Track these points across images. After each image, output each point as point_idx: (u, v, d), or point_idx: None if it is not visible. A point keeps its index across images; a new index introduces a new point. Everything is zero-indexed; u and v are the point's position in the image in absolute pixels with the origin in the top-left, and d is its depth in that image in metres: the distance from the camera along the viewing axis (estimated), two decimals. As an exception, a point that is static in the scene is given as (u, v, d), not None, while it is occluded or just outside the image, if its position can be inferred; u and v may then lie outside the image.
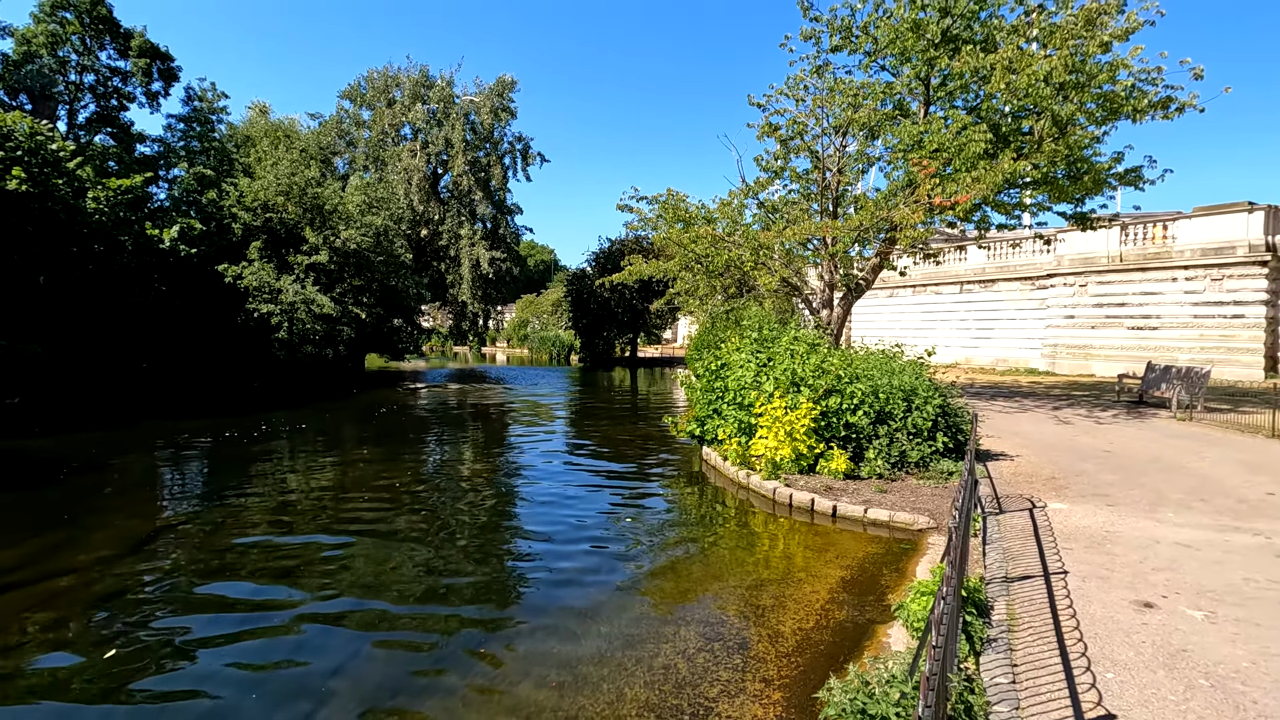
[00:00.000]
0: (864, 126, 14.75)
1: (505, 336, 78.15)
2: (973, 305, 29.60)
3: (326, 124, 39.40)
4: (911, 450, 9.10)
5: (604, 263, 42.54)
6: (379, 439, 14.19)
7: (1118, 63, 12.51)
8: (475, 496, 9.35)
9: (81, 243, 19.08)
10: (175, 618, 5.31)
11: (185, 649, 4.79)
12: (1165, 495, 7.64)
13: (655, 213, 16.72)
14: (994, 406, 15.67)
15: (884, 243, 15.57)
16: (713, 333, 13.00)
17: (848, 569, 6.17)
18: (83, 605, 5.50)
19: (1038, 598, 4.82)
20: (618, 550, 6.93)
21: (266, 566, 6.44)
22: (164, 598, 5.71)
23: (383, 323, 30.24)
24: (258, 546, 7.00)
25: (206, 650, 4.76)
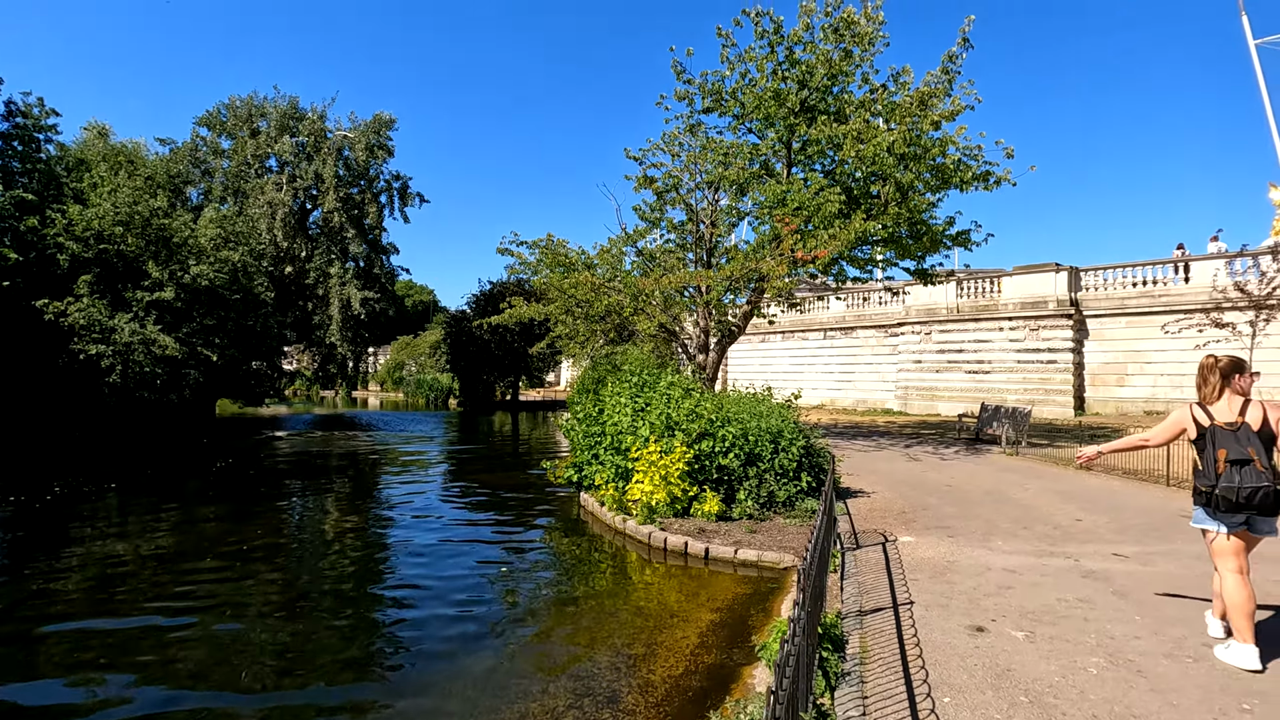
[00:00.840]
0: (734, 183, 15.71)
1: (379, 380, 74.38)
2: (835, 351, 31.82)
3: (179, 151, 36.43)
4: (779, 490, 9.53)
5: (484, 304, 41.86)
6: (229, 494, 12.93)
7: (947, 139, 14.23)
8: (338, 556, 8.70)
9: None
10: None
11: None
12: (996, 525, 8.47)
13: (536, 257, 16.80)
14: (854, 446, 16.78)
15: (754, 292, 16.48)
16: (593, 377, 13.09)
17: (718, 611, 6.30)
18: None
19: (887, 629, 5.14)
20: (491, 605, 6.68)
21: (80, 659, 5.60)
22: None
23: (238, 365, 27.87)
24: (71, 633, 6.09)
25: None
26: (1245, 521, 4.14)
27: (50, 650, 5.59)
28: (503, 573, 7.76)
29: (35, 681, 5.14)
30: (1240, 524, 4.15)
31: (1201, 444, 4.31)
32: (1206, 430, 4.28)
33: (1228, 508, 4.15)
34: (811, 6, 14.23)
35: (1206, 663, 4.31)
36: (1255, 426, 4.16)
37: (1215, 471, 4.18)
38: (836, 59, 14.28)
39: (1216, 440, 4.21)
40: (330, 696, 4.95)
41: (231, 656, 5.54)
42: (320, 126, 38.64)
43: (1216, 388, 4.34)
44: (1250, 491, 4.04)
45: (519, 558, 8.48)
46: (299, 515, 11.54)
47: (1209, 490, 4.22)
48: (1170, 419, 4.62)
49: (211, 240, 25.77)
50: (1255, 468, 4.05)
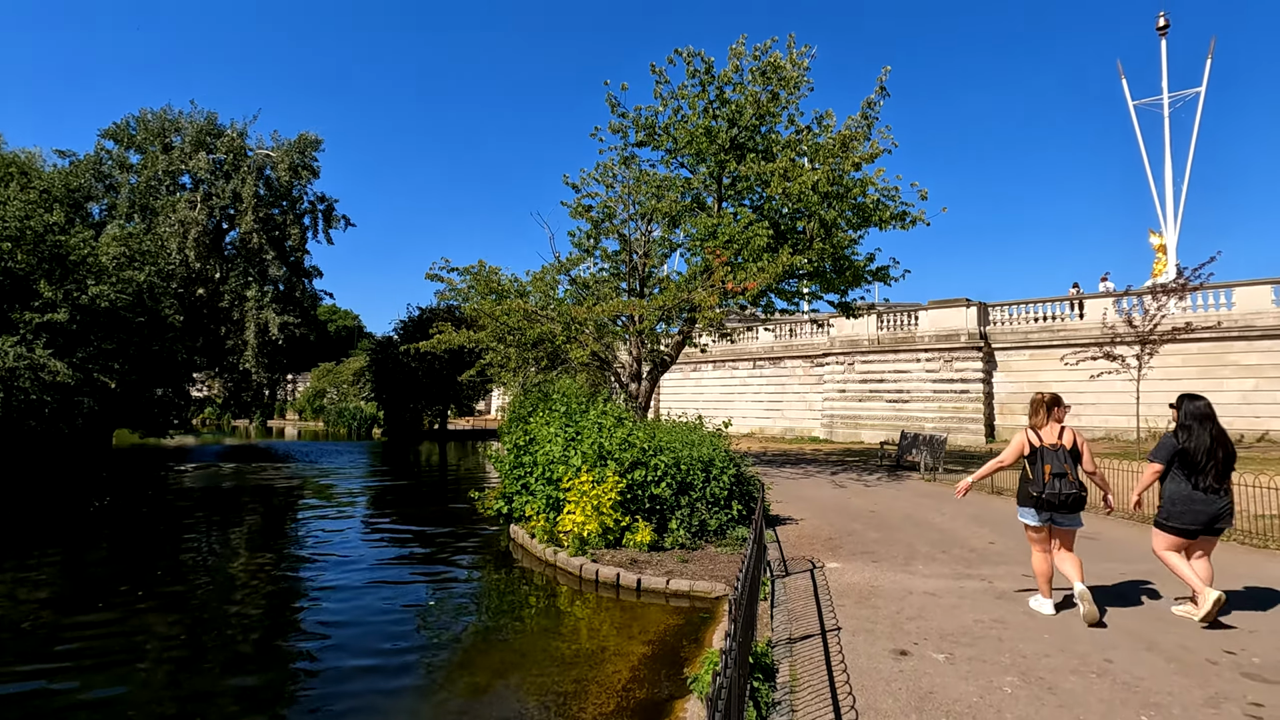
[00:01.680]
0: (666, 215, 16.03)
1: (297, 408, 70.99)
2: (765, 380, 32.60)
3: (80, 164, 34.17)
4: (711, 519, 9.58)
5: (412, 330, 40.83)
6: (120, 533, 11.94)
7: (866, 180, 14.99)
8: (245, 603, 8.13)
9: None
10: None
11: None
12: (916, 549, 8.77)
13: (467, 284, 16.54)
14: (783, 473, 17.13)
15: (686, 322, 16.74)
16: (524, 406, 12.89)
17: (650, 644, 6.23)
18: None
19: (816, 656, 5.21)
20: (415, 644, 6.38)
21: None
22: None
23: (140, 393, 26.02)
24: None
25: None
26: (1051, 517, 5.63)
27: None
28: (428, 611, 7.45)
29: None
30: (1048, 519, 5.64)
31: (1033, 460, 5.62)
32: (1037, 450, 5.62)
33: (1048, 507, 5.54)
34: (741, 50, 14.84)
35: (1109, 677, 4.57)
36: (1068, 446, 5.57)
37: (1043, 481, 5.50)
38: (764, 100, 14.89)
39: (1044, 458, 5.54)
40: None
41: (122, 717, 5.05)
42: (240, 144, 37.10)
43: (1044, 417, 5.75)
44: (1065, 496, 5.43)
45: (445, 595, 8.17)
46: (203, 557, 10.76)
47: (1038, 494, 5.52)
48: (1014, 442, 5.88)
49: (114, 259, 24.14)
50: (1069, 479, 5.45)
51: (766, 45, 14.76)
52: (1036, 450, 5.63)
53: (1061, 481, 5.44)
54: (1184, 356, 20.65)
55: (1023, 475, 5.77)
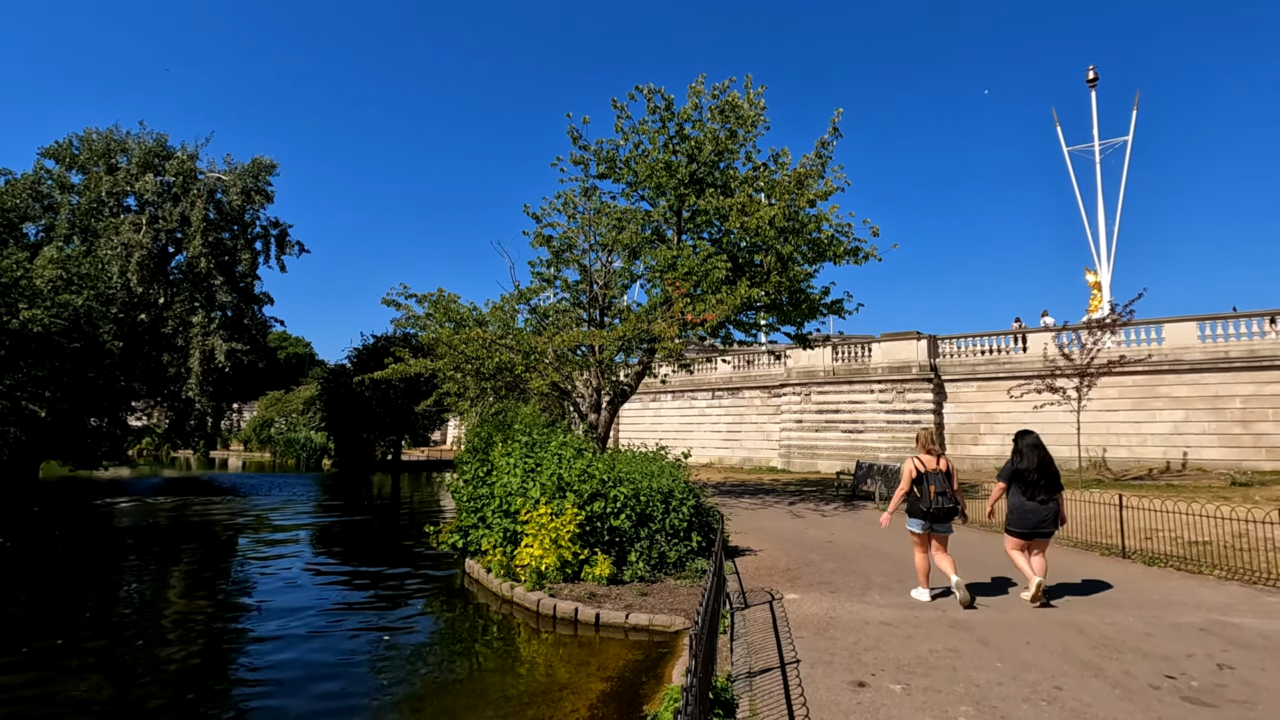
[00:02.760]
0: (626, 247, 16.21)
1: (242, 438, 68.47)
2: (723, 410, 32.85)
3: (17, 183, 32.77)
4: (670, 551, 9.53)
5: (366, 359, 39.98)
6: (43, 576, 11.23)
7: (821, 217, 15.45)
8: (181, 648, 7.70)
9: None
10: None
11: None
12: (872, 579, 8.87)
13: (426, 310, 16.35)
14: (742, 504, 17.19)
15: (646, 352, 16.83)
16: (482, 436, 12.70)
17: (609, 680, 6.12)
18: None
19: (775, 689, 5.19)
20: (364, 689, 6.13)
21: None
22: None
23: (71, 422, 24.77)
24: None
25: None
26: (931, 526, 7.23)
27: None
28: (377, 654, 7.18)
29: None
30: (929, 526, 7.24)
31: (920, 482, 7.18)
32: (924, 474, 7.19)
33: (931, 518, 7.15)
34: (700, 88, 15.26)
35: (1058, 704, 4.67)
36: (944, 469, 7.21)
37: (929, 498, 7.10)
38: (723, 137, 15.29)
39: (929, 479, 7.14)
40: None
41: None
42: (190, 167, 36.17)
43: (926, 449, 7.34)
44: (945, 509, 7.09)
45: (397, 635, 7.89)
46: (133, 603, 10.17)
47: (926, 509, 7.12)
48: (904, 469, 7.37)
49: (49, 282, 23.13)
50: (947, 495, 7.09)
51: (725, 85, 15.23)
52: (923, 474, 7.19)
53: (942, 498, 7.07)
54: (1120, 389, 21.62)
55: (911, 494, 7.27)
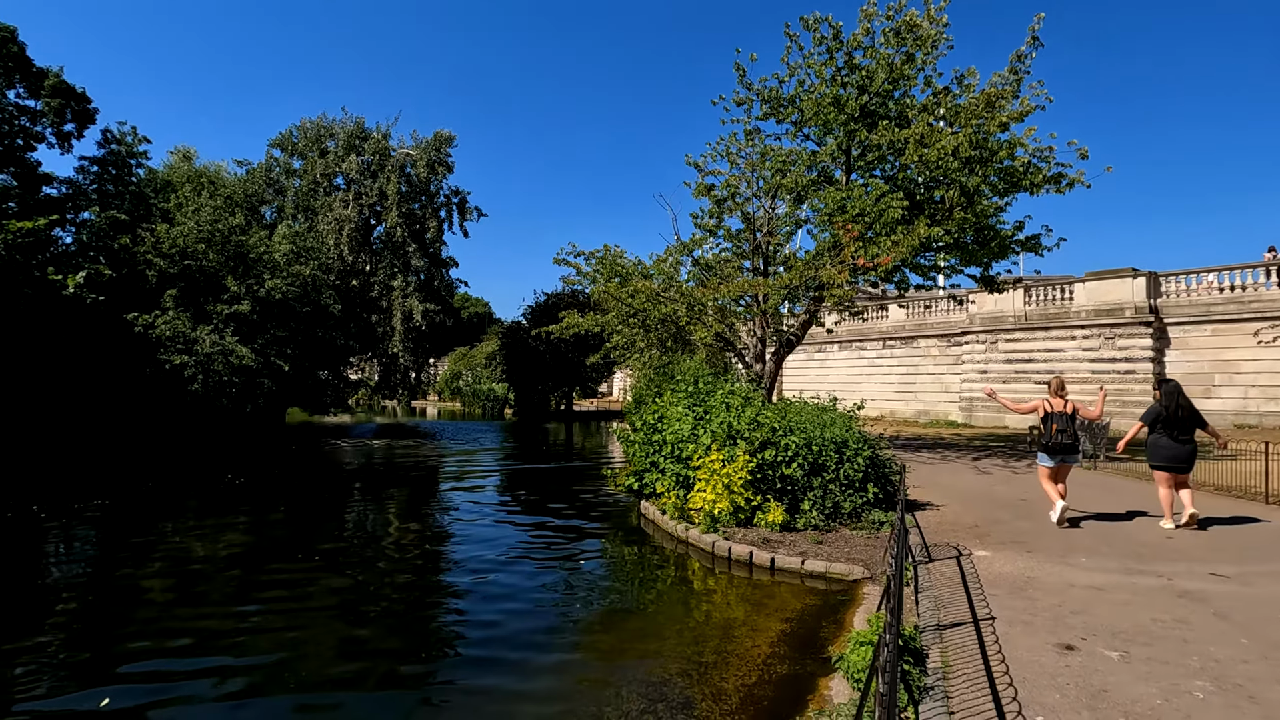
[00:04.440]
0: (791, 191, 15.59)
1: (437, 390, 76.32)
2: (896, 360, 31.04)
3: (254, 171, 38.42)
4: (844, 501, 9.33)
5: (539, 316, 42.55)
6: (297, 499, 13.47)
7: (1015, 141, 13.78)
8: (400, 559, 8.95)
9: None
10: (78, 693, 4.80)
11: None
12: (1075, 541, 8.08)
13: (593, 267, 16.98)
14: (918, 458, 16.30)
15: (812, 300, 16.26)
16: (650, 386, 13.13)
17: (788, 622, 6.20)
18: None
19: (969, 644, 4.96)
20: (554, 611, 6.75)
21: (163, 638, 5.93)
22: (57, 678, 5.15)
23: (307, 375, 29.08)
24: (153, 620, 6.45)
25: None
26: (1061, 458, 8.70)
27: (142, 633, 5.91)
28: (565, 581, 7.83)
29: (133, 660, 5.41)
30: (1060, 459, 8.71)
31: (1047, 420, 8.65)
32: (1050, 413, 8.63)
33: (1051, 451, 8.64)
34: (872, 10, 14.06)
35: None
36: (1069, 412, 8.61)
37: (1051, 434, 8.58)
38: (898, 63, 14.05)
39: (1053, 419, 8.59)
40: (397, 680, 5.07)
41: (302, 646, 5.74)
42: (384, 145, 40.16)
43: (1056, 394, 8.75)
44: (1061, 444, 8.56)
45: (581, 564, 8.54)
46: (363, 520, 11.92)
47: (1047, 443, 8.67)
48: (1032, 403, 8.99)
49: (284, 255, 27.02)
50: (1066, 434, 8.53)
51: (901, 3, 13.88)
52: (1049, 414, 8.63)
53: (1062, 435, 8.55)
54: None
55: (1041, 432, 8.82)
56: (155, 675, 5.22)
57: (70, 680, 5.14)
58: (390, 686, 5.05)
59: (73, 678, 5.18)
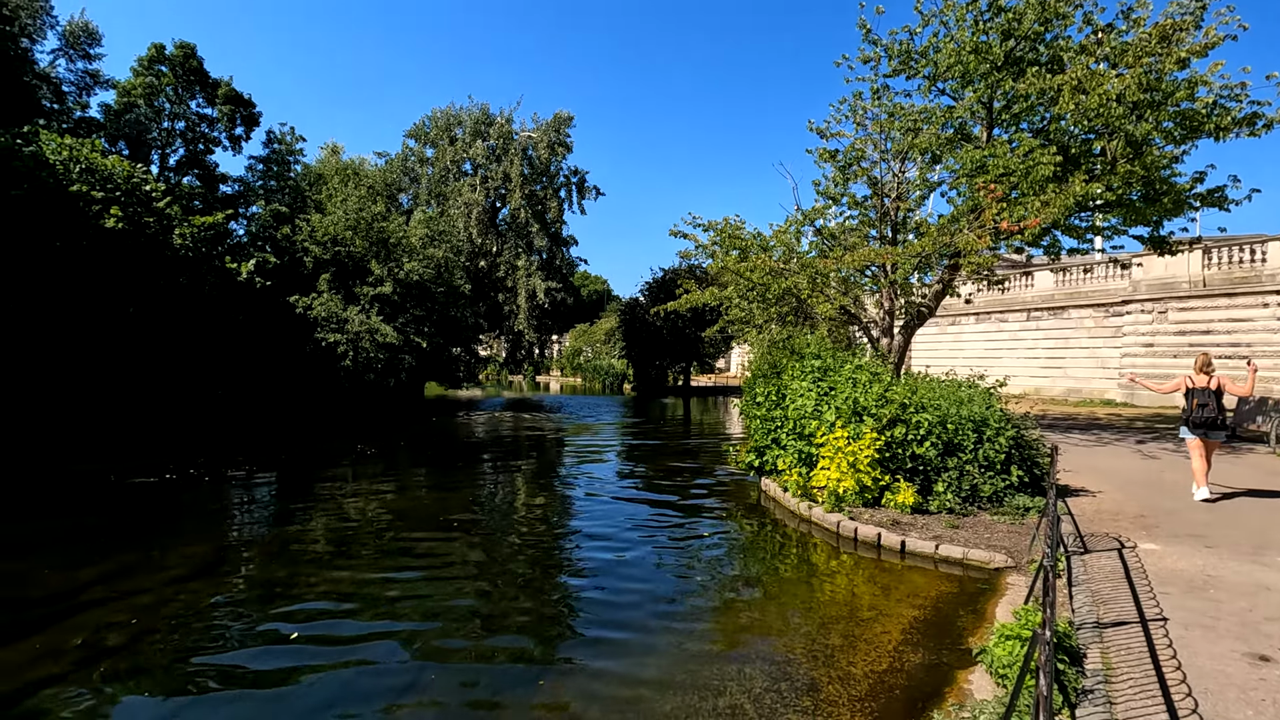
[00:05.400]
0: (924, 151, 14.51)
1: (559, 365, 79.12)
2: (1042, 333, 28.42)
3: (392, 161, 41.23)
4: (984, 484, 8.68)
5: (657, 291, 42.79)
6: (435, 467, 14.45)
7: (1196, 79, 11.97)
8: (527, 528, 9.35)
9: (168, 276, 20.32)
10: (240, 636, 5.44)
11: (242, 669, 4.88)
12: (1270, 537, 7.03)
13: (711, 240, 16.71)
14: (1069, 440, 14.87)
15: (947, 269, 15.14)
16: (770, 361, 12.81)
17: (920, 608, 5.86)
18: (156, 622, 5.68)
19: (1135, 646, 4.45)
20: (674, 585, 6.78)
21: (326, 592, 6.55)
22: (228, 619, 5.86)
23: (442, 352, 31.04)
24: (317, 573, 7.14)
25: (265, 670, 4.83)
26: (1205, 433, 8.52)
27: (303, 585, 6.57)
28: (685, 554, 7.85)
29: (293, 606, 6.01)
30: (1203, 434, 8.53)
31: (1189, 396, 8.60)
32: (1191, 389, 8.59)
33: (1192, 426, 8.55)
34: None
35: None
36: (1213, 388, 8.50)
37: (1192, 409, 8.53)
38: (1051, 0, 12.57)
39: (1195, 394, 8.55)
40: (526, 644, 5.30)
41: (441, 604, 6.13)
42: (507, 129, 41.67)
43: (1201, 370, 8.64)
44: (1202, 419, 8.46)
45: (701, 540, 8.53)
46: (494, 489, 12.57)
47: (1187, 418, 8.61)
48: (1175, 381, 8.95)
49: (420, 239, 28.86)
50: (1208, 409, 8.42)
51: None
52: (1190, 390, 8.61)
53: (1203, 410, 8.45)
54: None
55: (1185, 408, 8.69)
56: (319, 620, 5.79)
57: (259, 620, 5.81)
58: (518, 657, 5.27)
59: (260, 618, 5.86)
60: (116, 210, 18.30)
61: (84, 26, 33.52)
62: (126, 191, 19.10)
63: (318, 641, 5.36)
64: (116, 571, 6.97)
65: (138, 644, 5.25)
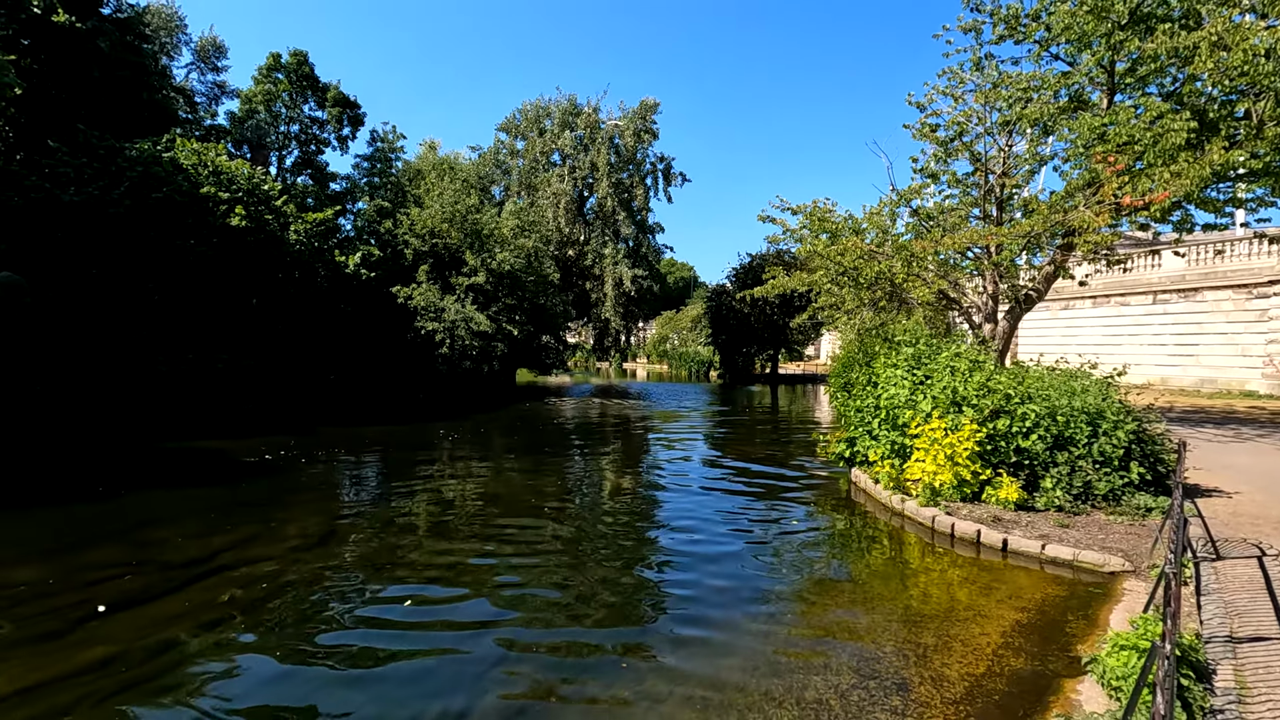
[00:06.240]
0: (1035, 122, 13.49)
1: (645, 352, 79.67)
2: (1169, 318, 25.94)
3: (485, 155, 42.62)
4: (1098, 481, 8.05)
5: (744, 278, 42.16)
6: (527, 450, 14.90)
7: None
8: (614, 512, 9.48)
9: (285, 269, 21.94)
10: (347, 606, 5.83)
11: (347, 638, 5.23)
12: None
13: (800, 223, 16.26)
14: (1200, 435, 13.54)
15: (1059, 249, 14.06)
16: (862, 349, 12.36)
17: (1023, 611, 5.52)
18: (276, 589, 6.17)
19: (1275, 665, 4.01)
20: (759, 575, 6.70)
21: (424, 568, 6.90)
22: (339, 589, 6.28)
23: (532, 339, 31.93)
24: (419, 548, 7.53)
25: (372, 637, 5.15)
26: None
27: (406, 559, 6.95)
28: (773, 544, 7.74)
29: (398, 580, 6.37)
30: None
31: None
32: None
33: None
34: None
35: None
36: None
37: None
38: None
39: None
40: (610, 626, 5.39)
41: (531, 584, 6.32)
42: (594, 119, 42.09)
43: None
44: None
45: (788, 531, 8.37)
46: (582, 473, 12.84)
47: None
48: None
49: (511, 230, 29.72)
50: None
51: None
52: None
53: None
54: None
55: None
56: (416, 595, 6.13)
57: (364, 592, 6.23)
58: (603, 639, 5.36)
59: (365, 591, 6.27)
60: (240, 210, 19.90)
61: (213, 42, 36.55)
62: (248, 191, 20.71)
63: (415, 614, 5.66)
64: (243, 540, 7.63)
65: (260, 608, 5.73)
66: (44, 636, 5.08)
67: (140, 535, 7.82)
